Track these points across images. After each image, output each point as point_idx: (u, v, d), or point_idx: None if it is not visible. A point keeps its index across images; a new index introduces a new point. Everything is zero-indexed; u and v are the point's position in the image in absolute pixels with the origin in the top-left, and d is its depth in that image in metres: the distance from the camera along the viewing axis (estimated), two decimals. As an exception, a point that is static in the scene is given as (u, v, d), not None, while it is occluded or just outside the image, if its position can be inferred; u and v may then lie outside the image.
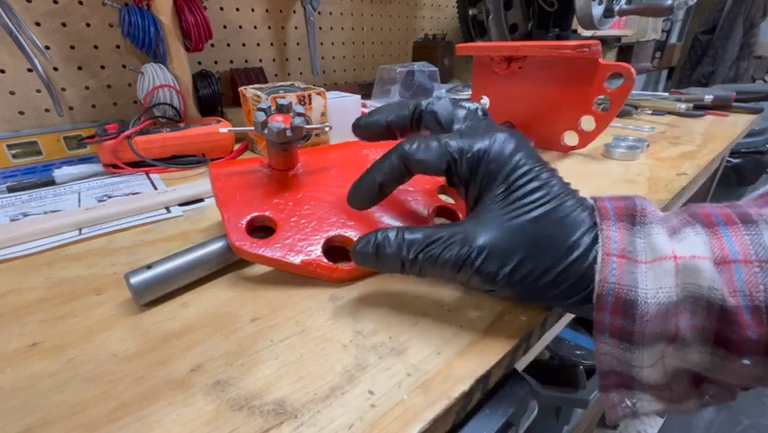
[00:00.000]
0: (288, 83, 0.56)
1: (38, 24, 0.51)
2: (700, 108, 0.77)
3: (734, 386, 0.18)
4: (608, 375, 0.19)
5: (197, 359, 0.20)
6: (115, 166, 0.46)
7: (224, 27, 0.69)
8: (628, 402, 0.19)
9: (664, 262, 0.17)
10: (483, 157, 0.22)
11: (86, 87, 0.57)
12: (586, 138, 0.50)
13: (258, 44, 0.74)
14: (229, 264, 0.28)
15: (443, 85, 0.77)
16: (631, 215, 0.19)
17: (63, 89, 0.55)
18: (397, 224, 0.29)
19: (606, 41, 1.56)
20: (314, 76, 0.77)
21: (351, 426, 0.17)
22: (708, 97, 0.77)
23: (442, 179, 0.34)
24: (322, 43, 0.84)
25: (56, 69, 0.54)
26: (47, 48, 0.52)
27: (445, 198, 0.33)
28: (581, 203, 0.21)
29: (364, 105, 0.63)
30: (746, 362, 0.16)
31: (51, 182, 0.44)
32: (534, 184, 0.21)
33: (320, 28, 0.82)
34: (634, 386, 0.19)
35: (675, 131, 0.65)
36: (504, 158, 0.21)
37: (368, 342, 0.21)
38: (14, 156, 0.49)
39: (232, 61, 0.71)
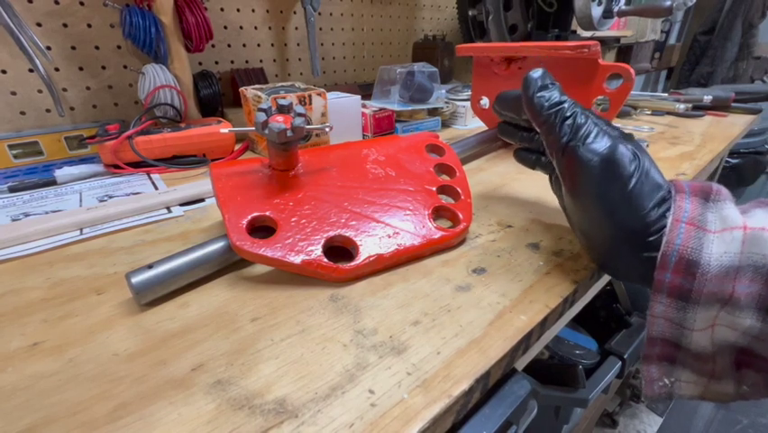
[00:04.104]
0: (289, 83, 0.56)
1: (39, 25, 0.51)
2: (699, 109, 0.77)
3: None
4: (655, 343, 0.20)
5: (198, 358, 0.20)
6: (116, 166, 0.46)
7: (225, 28, 0.69)
8: (666, 381, 0.20)
9: (734, 231, 0.18)
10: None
11: (88, 88, 0.57)
12: (585, 138, 0.50)
13: (258, 45, 0.74)
14: (229, 264, 0.28)
15: (443, 85, 0.77)
16: (706, 192, 0.21)
17: (64, 90, 0.55)
18: (397, 224, 0.29)
19: (605, 42, 1.56)
20: (314, 76, 0.77)
21: (351, 425, 0.17)
22: (707, 98, 0.77)
23: (442, 180, 0.34)
24: (322, 44, 0.84)
25: (57, 69, 0.54)
26: (48, 48, 0.52)
27: (445, 199, 0.33)
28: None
29: (364, 106, 0.63)
30: None
31: (53, 182, 0.44)
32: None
33: (320, 29, 0.83)
34: (677, 359, 0.20)
35: (674, 131, 0.65)
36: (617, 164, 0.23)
37: (368, 341, 0.21)
38: (16, 156, 0.49)
39: (232, 62, 0.71)
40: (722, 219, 0.19)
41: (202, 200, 0.40)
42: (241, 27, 0.71)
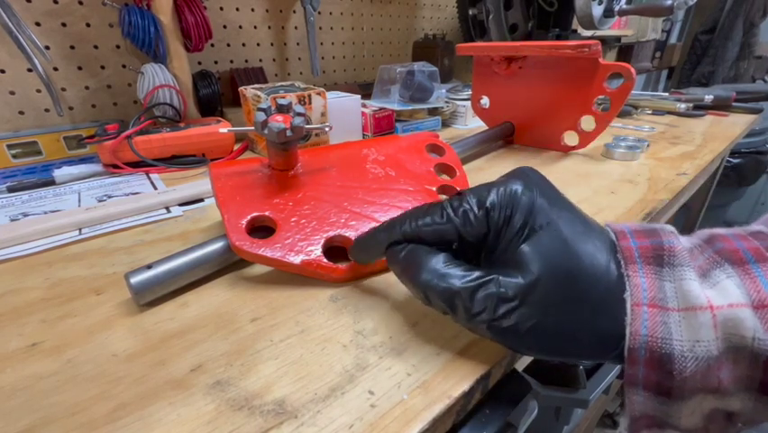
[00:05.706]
0: (288, 83, 0.56)
1: (38, 24, 0.51)
2: (700, 108, 0.77)
3: None
4: (640, 419, 0.18)
5: (197, 359, 0.20)
6: (115, 166, 0.46)
7: (224, 27, 0.69)
8: None
9: (699, 313, 0.16)
10: (492, 211, 0.20)
11: (87, 87, 0.57)
12: (586, 138, 0.50)
13: (258, 44, 0.74)
14: (229, 264, 0.28)
15: (443, 85, 0.77)
16: (658, 255, 0.17)
17: (63, 89, 0.55)
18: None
19: (606, 41, 1.56)
20: (314, 76, 0.77)
21: (351, 426, 0.17)
22: (708, 97, 0.77)
23: (442, 180, 0.34)
24: (322, 43, 0.84)
25: (56, 68, 0.54)
26: (47, 48, 0.52)
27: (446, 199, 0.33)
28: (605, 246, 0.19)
29: (364, 106, 0.63)
30: None
31: (51, 182, 0.44)
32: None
33: (320, 28, 0.82)
34: (666, 427, 0.18)
35: (675, 131, 0.65)
36: (521, 208, 0.19)
37: (368, 342, 0.21)
38: (14, 156, 0.49)
39: (232, 61, 0.71)
40: (683, 295, 0.16)
41: (201, 200, 0.40)
42: (240, 26, 0.70)
